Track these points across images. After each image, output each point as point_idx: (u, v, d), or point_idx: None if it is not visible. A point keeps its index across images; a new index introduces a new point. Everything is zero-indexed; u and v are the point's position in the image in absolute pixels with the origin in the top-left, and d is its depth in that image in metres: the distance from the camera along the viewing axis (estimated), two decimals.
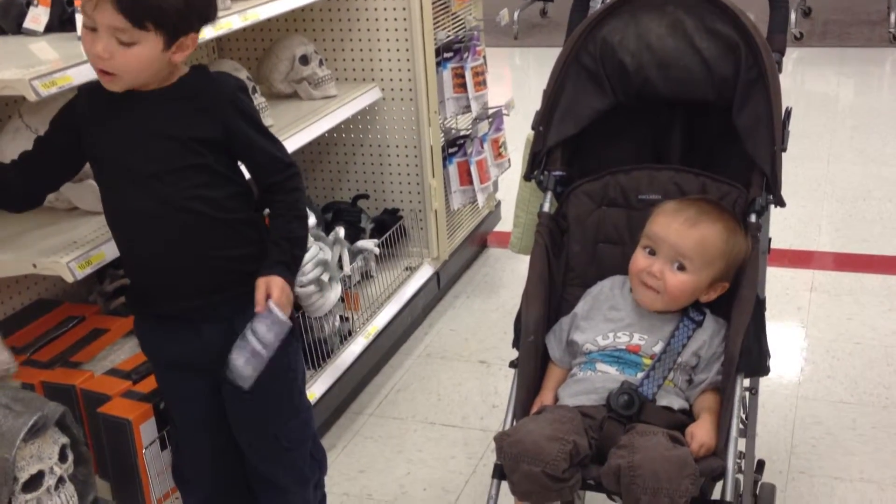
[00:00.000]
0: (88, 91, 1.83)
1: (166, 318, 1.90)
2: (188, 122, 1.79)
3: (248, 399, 1.87)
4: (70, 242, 2.04)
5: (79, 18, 2.12)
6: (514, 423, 1.89)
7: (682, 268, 1.90)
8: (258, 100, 2.76)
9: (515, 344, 2.00)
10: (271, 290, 1.82)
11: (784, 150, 1.94)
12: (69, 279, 1.94)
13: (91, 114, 1.80)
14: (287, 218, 1.90)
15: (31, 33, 2.24)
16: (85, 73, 1.93)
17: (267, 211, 1.94)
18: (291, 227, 1.90)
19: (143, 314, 1.96)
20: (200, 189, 1.80)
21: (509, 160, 3.84)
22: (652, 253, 1.93)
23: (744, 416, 2.16)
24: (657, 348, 1.91)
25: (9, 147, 2.14)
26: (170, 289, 1.87)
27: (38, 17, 2.24)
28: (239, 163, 1.90)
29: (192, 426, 2.00)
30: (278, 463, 2.03)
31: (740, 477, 2.22)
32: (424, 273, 3.40)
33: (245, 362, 1.79)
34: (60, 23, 2.23)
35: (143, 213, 1.80)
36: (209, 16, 1.79)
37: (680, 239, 1.89)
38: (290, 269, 1.87)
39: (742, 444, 2.13)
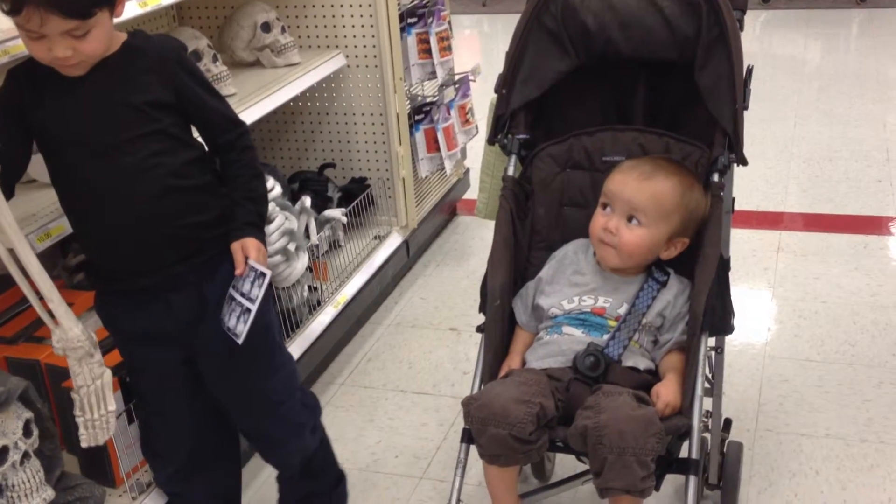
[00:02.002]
0: (24, 73, 1.76)
1: (131, 291, 1.87)
2: (139, 86, 1.76)
3: (235, 355, 1.86)
4: (28, 215, 2.01)
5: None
6: (482, 387, 1.89)
7: (637, 222, 1.90)
8: (219, 68, 2.73)
9: (482, 309, 2.00)
10: (248, 252, 1.82)
11: (746, 108, 1.94)
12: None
13: (32, 95, 1.74)
14: (246, 178, 1.89)
15: None
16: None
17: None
18: (252, 185, 1.89)
19: (110, 292, 1.93)
20: (160, 157, 1.77)
21: (476, 126, 3.82)
22: (606, 208, 1.93)
23: (710, 376, 2.17)
24: (622, 310, 1.91)
25: None
26: (133, 263, 1.83)
27: None
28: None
29: (166, 397, 1.97)
30: (271, 417, 2.02)
31: (707, 436, 2.24)
32: (393, 242, 3.38)
33: (237, 321, 1.80)
34: None
35: (102, 186, 1.76)
36: None
37: (634, 193, 1.90)
38: (259, 228, 1.88)
39: (708, 403, 2.15)
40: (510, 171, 2.09)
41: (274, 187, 2.63)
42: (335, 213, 3.09)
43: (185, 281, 1.85)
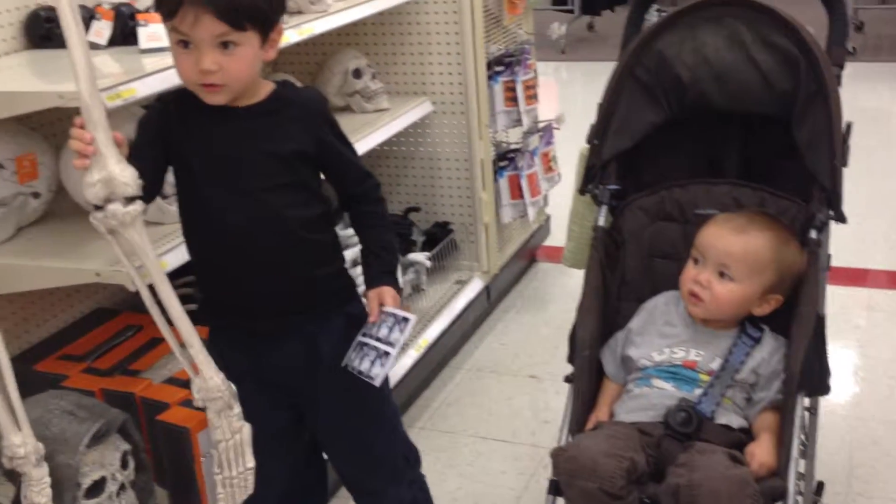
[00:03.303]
0: (174, 100, 1.78)
1: (244, 331, 1.88)
2: (287, 135, 1.78)
3: (345, 405, 1.87)
4: (132, 252, 2.06)
5: (143, 33, 2.17)
6: (570, 438, 1.88)
7: (729, 277, 1.88)
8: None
9: (570, 358, 1.99)
10: (384, 299, 1.85)
11: (845, 165, 1.92)
12: (131, 288, 1.97)
13: (179, 125, 1.76)
14: (380, 228, 1.92)
15: (95, 47, 2.28)
16: (149, 86, 1.96)
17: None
18: (387, 236, 1.93)
19: (222, 328, 1.93)
20: (296, 208, 1.79)
21: (559, 174, 3.83)
22: (700, 263, 1.92)
23: (803, 437, 2.12)
24: (714, 364, 1.89)
25: (73, 157, 2.19)
26: (252, 305, 1.84)
27: (101, 30, 2.28)
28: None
29: (265, 438, 1.93)
30: (372, 467, 2.02)
31: (800, 499, 2.18)
32: (475, 286, 3.39)
33: (371, 364, 1.82)
34: (123, 36, 2.26)
35: (235, 229, 1.76)
36: (284, 5, 1.80)
37: (726, 246, 1.88)
38: (394, 276, 1.91)
39: (802, 465, 2.09)
40: (601, 222, 2.09)
41: None
42: (419, 256, 3.12)
43: (299, 330, 1.86)
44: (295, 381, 1.90)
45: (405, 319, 1.82)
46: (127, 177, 1.55)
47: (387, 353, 1.80)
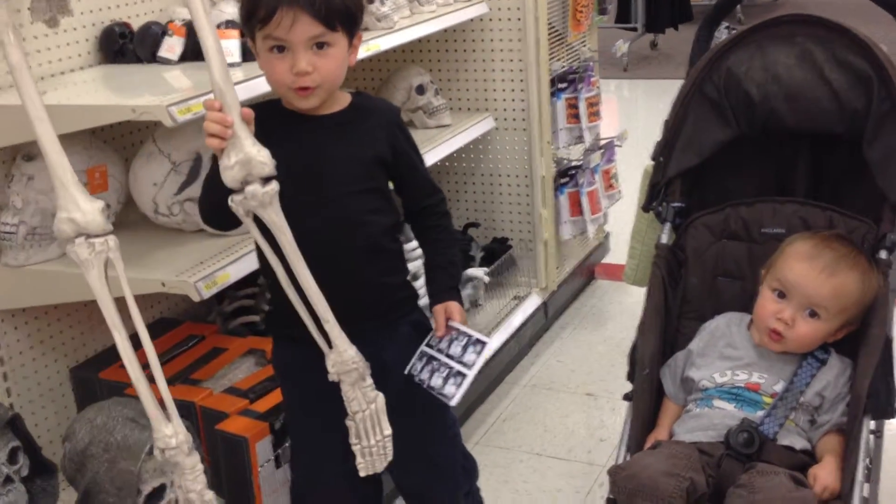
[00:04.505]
0: (259, 108, 1.76)
1: (310, 341, 1.85)
2: (368, 140, 1.81)
3: (410, 415, 1.88)
4: (197, 263, 2.11)
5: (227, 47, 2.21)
6: (628, 456, 1.86)
7: (814, 314, 1.84)
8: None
9: (630, 376, 1.97)
10: (452, 315, 1.87)
11: None
12: (196, 298, 2.01)
13: (264, 135, 1.73)
14: (447, 242, 1.94)
15: (166, 62, 2.34)
16: None
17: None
18: (452, 251, 1.95)
19: (289, 338, 1.92)
20: (376, 214, 1.83)
21: (620, 191, 3.80)
22: (781, 296, 1.88)
23: (868, 461, 2.07)
24: (778, 387, 1.85)
25: (142, 170, 2.24)
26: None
27: (172, 46, 2.34)
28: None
29: (324, 450, 1.95)
30: (431, 477, 2.02)
31: None
32: (532, 303, 3.38)
33: (444, 382, 1.83)
34: (194, 52, 2.31)
35: (316, 235, 1.76)
36: (363, 14, 1.83)
37: (817, 289, 1.84)
38: (458, 292, 1.93)
39: (866, 489, 2.04)
40: (664, 239, 2.07)
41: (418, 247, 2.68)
42: (478, 272, 3.12)
43: (364, 339, 1.84)
44: None
45: (481, 342, 1.82)
46: (263, 156, 1.55)
47: (460, 374, 1.80)
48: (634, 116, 6.65)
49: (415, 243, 2.77)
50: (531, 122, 3.27)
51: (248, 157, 1.54)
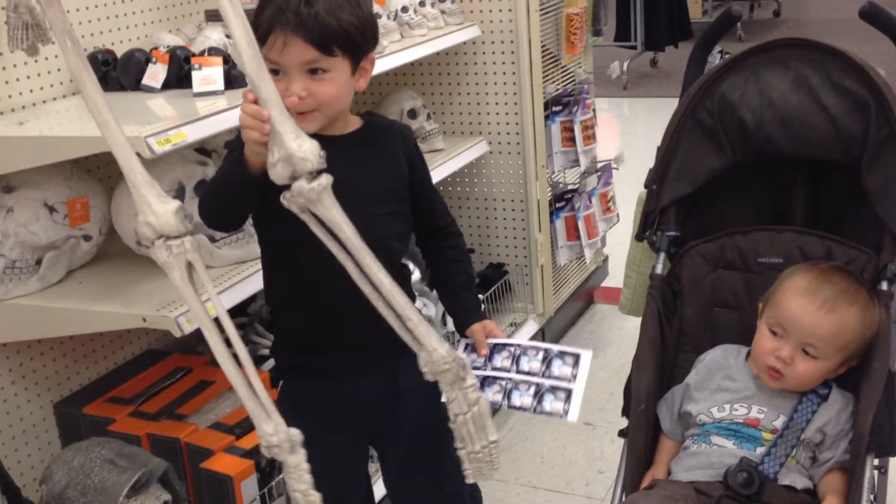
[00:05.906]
0: None
1: (319, 374, 1.83)
2: (390, 161, 1.77)
3: (422, 442, 1.86)
4: (179, 296, 2.05)
5: (197, 77, 2.17)
6: (623, 497, 1.81)
7: (813, 355, 1.78)
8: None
9: (625, 412, 1.91)
10: (493, 332, 1.85)
11: None
12: (177, 334, 1.96)
13: None
14: (466, 263, 1.92)
15: (150, 90, 2.30)
16: (200, 130, 1.96)
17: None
18: (470, 271, 1.93)
19: (298, 371, 1.86)
20: (398, 240, 1.79)
21: (618, 215, 3.75)
22: (779, 333, 1.82)
23: (872, 497, 2.01)
24: (778, 423, 1.79)
25: (124, 201, 2.19)
26: (336, 336, 1.79)
27: (156, 74, 2.30)
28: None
29: (334, 481, 1.83)
30: None
31: None
32: (529, 329, 3.33)
33: (539, 401, 1.80)
34: (178, 80, 2.28)
35: (333, 257, 1.64)
36: (377, 37, 1.76)
37: (814, 325, 1.77)
38: (483, 310, 1.92)
39: None
40: (658, 270, 2.02)
41: (413, 272, 2.63)
42: None
43: (378, 364, 1.81)
44: (369, 419, 1.85)
45: (573, 355, 1.80)
46: (305, 151, 1.44)
47: (557, 389, 1.77)
48: (635, 135, 6.62)
49: (418, 273, 2.73)
50: (525, 145, 3.23)
51: (289, 153, 1.43)
